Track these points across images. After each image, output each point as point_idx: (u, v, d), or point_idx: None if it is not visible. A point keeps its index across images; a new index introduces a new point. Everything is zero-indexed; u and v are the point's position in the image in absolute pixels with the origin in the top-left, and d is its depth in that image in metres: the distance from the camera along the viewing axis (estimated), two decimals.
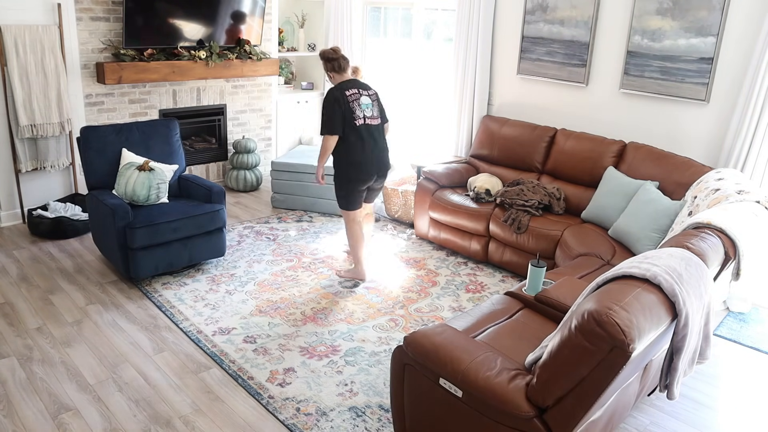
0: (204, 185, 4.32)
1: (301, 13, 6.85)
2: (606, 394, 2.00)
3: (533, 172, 4.79)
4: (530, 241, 4.14)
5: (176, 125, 4.54)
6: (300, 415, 2.82)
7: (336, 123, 3.84)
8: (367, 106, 3.95)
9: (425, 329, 2.47)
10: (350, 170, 3.96)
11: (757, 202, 3.02)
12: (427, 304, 3.92)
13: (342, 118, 3.85)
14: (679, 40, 4.08)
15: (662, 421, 2.91)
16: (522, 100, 5.12)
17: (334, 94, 3.89)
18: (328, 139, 3.86)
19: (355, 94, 3.92)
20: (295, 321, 3.64)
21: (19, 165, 4.77)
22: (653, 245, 3.55)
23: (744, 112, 3.79)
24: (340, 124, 3.85)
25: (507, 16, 5.06)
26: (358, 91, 3.94)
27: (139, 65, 5.05)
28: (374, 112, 3.99)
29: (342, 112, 3.85)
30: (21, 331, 3.43)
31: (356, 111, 3.89)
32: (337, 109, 3.84)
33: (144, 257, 3.90)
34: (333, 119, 3.84)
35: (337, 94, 3.88)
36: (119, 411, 2.81)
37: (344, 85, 3.93)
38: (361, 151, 3.92)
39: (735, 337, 3.69)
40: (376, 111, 4.01)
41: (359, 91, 3.95)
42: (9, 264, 4.24)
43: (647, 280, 2.08)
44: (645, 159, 4.10)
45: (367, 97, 3.97)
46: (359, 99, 3.92)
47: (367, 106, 3.95)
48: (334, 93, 3.89)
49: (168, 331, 3.50)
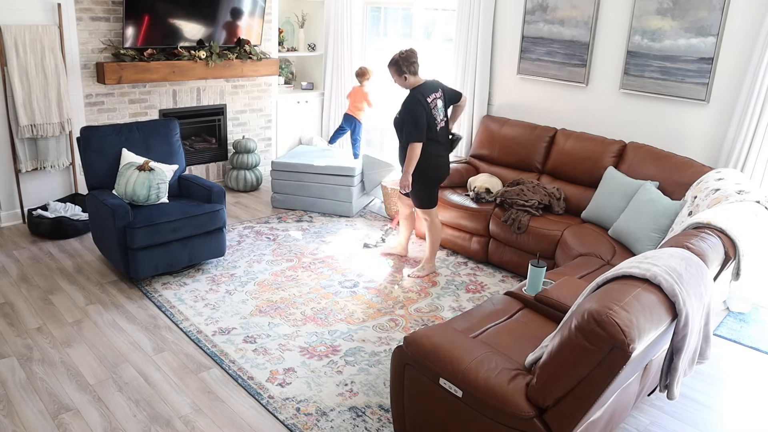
0: (204, 185, 4.32)
1: (301, 13, 6.85)
2: (606, 394, 2.00)
3: (533, 172, 4.79)
4: (530, 241, 4.14)
5: (176, 125, 4.54)
6: (300, 415, 2.82)
7: (422, 129, 3.82)
8: (440, 110, 3.98)
9: (425, 329, 2.47)
10: (434, 172, 4.02)
11: (757, 202, 3.02)
12: (427, 304, 3.92)
13: (426, 124, 3.83)
14: (679, 40, 4.08)
15: (662, 421, 2.91)
16: (522, 100, 5.12)
17: (419, 98, 3.83)
18: (417, 146, 3.83)
19: (433, 98, 3.91)
20: (295, 321, 3.64)
21: (19, 165, 4.77)
22: (653, 245, 3.55)
23: (744, 112, 3.79)
24: (425, 131, 3.83)
25: (507, 16, 5.06)
26: (434, 95, 3.93)
27: (139, 65, 5.05)
28: (444, 115, 4.02)
29: (426, 117, 3.83)
30: (21, 331, 3.43)
31: (436, 116, 3.92)
32: (423, 114, 3.81)
33: (144, 257, 3.90)
34: (419, 126, 3.81)
35: (421, 99, 3.83)
36: (119, 411, 2.81)
37: (425, 90, 3.89)
38: (438, 157, 3.99)
39: (735, 337, 3.69)
40: (444, 113, 4.03)
41: (435, 95, 3.93)
42: (9, 264, 4.24)
43: (647, 280, 2.08)
44: (645, 159, 4.10)
45: (440, 100, 3.98)
46: (437, 103, 3.94)
47: (440, 110, 3.98)
48: (418, 97, 3.83)
49: (168, 331, 3.50)
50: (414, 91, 3.88)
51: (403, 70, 3.90)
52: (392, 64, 3.94)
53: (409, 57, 3.91)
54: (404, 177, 3.95)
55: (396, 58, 3.93)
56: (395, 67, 3.93)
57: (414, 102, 3.83)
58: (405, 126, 3.86)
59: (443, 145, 4.04)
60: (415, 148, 3.83)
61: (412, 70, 3.91)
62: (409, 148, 3.85)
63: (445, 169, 4.11)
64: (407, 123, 3.84)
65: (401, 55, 3.91)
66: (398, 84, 4.00)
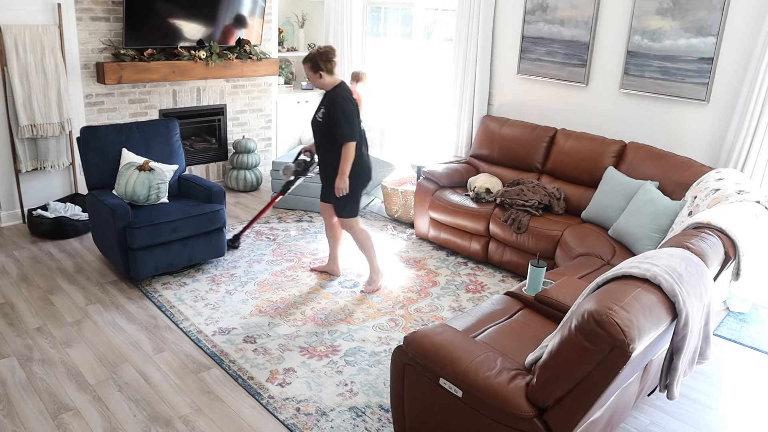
0: (204, 185, 4.32)
1: (301, 13, 6.85)
2: (606, 394, 2.00)
3: (533, 172, 4.79)
4: (530, 241, 4.14)
5: (176, 125, 4.54)
6: (300, 415, 2.82)
7: (355, 128, 3.66)
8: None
9: (425, 329, 2.47)
10: (362, 177, 3.84)
11: (757, 202, 3.02)
12: (427, 304, 3.92)
13: (358, 123, 3.70)
14: (679, 40, 4.08)
15: (662, 421, 2.91)
16: (522, 100, 5.12)
17: (347, 96, 3.69)
18: (352, 146, 3.65)
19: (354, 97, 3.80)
20: (295, 321, 3.64)
21: (19, 165, 4.77)
22: (653, 245, 3.55)
23: (744, 112, 3.79)
24: (357, 129, 3.69)
25: (507, 16, 5.06)
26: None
27: (139, 65, 5.05)
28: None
29: (357, 116, 3.69)
30: (21, 331, 3.43)
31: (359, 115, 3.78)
32: (355, 113, 3.67)
33: (144, 257, 3.90)
34: (352, 124, 3.64)
35: (350, 97, 3.69)
36: (119, 411, 2.81)
37: (347, 87, 3.77)
38: (367, 157, 3.86)
39: (735, 337, 3.69)
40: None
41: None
42: (9, 264, 4.24)
43: (647, 280, 2.08)
44: (645, 159, 4.10)
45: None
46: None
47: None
48: (346, 95, 3.69)
49: (168, 331, 3.50)
50: (339, 90, 3.70)
51: (320, 67, 3.67)
52: (308, 60, 3.71)
53: (327, 54, 3.69)
54: (341, 179, 3.69)
55: (313, 54, 3.70)
56: (311, 64, 3.69)
57: (345, 100, 3.66)
58: (338, 126, 3.64)
59: (366, 147, 3.87)
60: (351, 148, 3.64)
61: (328, 68, 3.69)
62: (345, 149, 3.65)
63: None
64: (340, 123, 3.63)
65: (319, 51, 3.70)
66: (312, 82, 3.78)
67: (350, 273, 4.31)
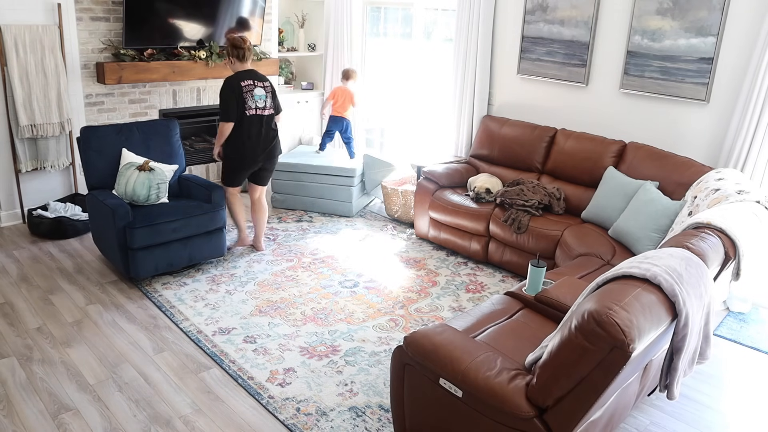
0: (204, 185, 4.32)
1: (301, 13, 6.85)
2: (606, 394, 2.00)
3: (533, 172, 4.79)
4: (530, 241, 4.14)
5: (176, 125, 4.54)
6: (300, 415, 2.82)
7: (231, 111, 4.11)
8: (260, 98, 4.20)
9: (425, 329, 2.47)
10: (236, 157, 4.27)
11: (757, 202, 3.02)
12: (427, 304, 3.92)
13: (236, 107, 4.11)
14: (679, 40, 4.08)
15: (662, 421, 2.91)
16: (522, 100, 5.12)
17: (231, 83, 4.13)
18: (224, 126, 4.15)
19: (249, 85, 4.17)
20: (295, 321, 3.64)
21: (19, 165, 4.77)
22: (653, 245, 3.55)
23: (744, 112, 3.79)
24: (234, 113, 4.12)
25: (507, 16, 5.06)
26: (253, 83, 4.19)
27: (139, 65, 5.05)
28: (267, 104, 4.24)
29: (236, 101, 4.11)
30: (21, 331, 3.43)
31: (248, 101, 4.15)
32: (233, 98, 4.10)
33: (144, 257, 3.90)
34: (229, 107, 4.11)
35: (233, 84, 4.12)
36: (119, 411, 2.81)
37: (241, 75, 4.16)
38: (247, 139, 4.20)
39: (735, 337, 3.69)
40: (269, 102, 4.26)
41: (254, 83, 4.19)
42: (9, 264, 4.24)
43: (647, 280, 2.08)
44: (645, 159, 4.10)
45: (262, 89, 4.21)
46: (253, 90, 4.17)
47: (260, 98, 4.20)
48: (231, 82, 4.13)
49: (168, 331, 3.50)
50: (229, 78, 4.15)
51: (230, 53, 4.19)
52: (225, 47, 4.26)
53: (236, 43, 4.17)
54: (214, 149, 4.32)
55: (227, 41, 4.23)
56: (225, 50, 4.24)
57: (224, 86, 4.13)
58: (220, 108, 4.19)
59: (256, 132, 4.22)
60: (223, 127, 4.15)
61: (236, 54, 4.17)
62: (219, 127, 4.20)
63: (248, 156, 4.26)
64: (219, 103, 4.17)
65: (232, 39, 4.20)
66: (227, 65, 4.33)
67: (350, 273, 4.31)
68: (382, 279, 4.24)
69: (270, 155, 4.36)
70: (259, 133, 4.23)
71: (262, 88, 4.21)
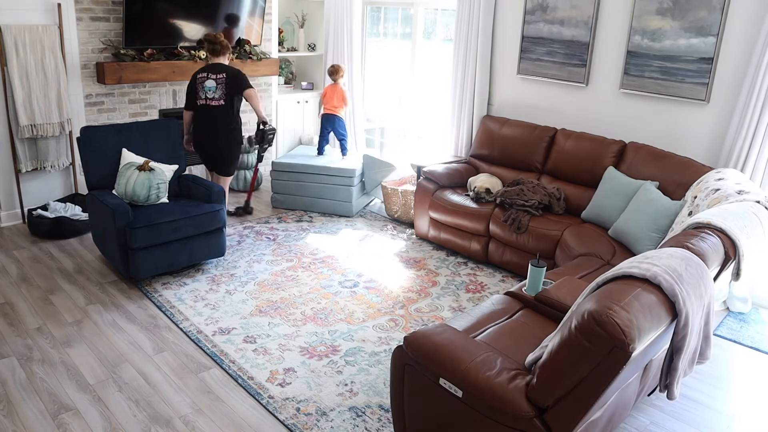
0: (204, 185, 4.32)
1: (301, 13, 6.85)
2: (606, 394, 2.00)
3: (533, 172, 4.79)
4: (530, 241, 4.14)
5: (176, 125, 4.55)
6: (300, 415, 2.82)
7: (187, 101, 4.58)
8: (210, 89, 4.48)
9: (425, 329, 2.47)
10: (194, 142, 4.70)
11: (757, 202, 3.02)
12: (427, 304, 3.92)
13: (191, 97, 4.55)
14: (679, 40, 4.08)
15: (662, 421, 2.91)
16: (522, 100, 5.12)
17: (193, 75, 4.57)
18: (184, 113, 4.65)
19: (203, 77, 4.50)
20: (295, 321, 3.64)
21: (19, 165, 4.77)
22: (653, 245, 3.55)
23: (744, 112, 3.79)
24: (189, 102, 4.57)
25: (507, 16, 5.06)
26: (207, 75, 4.50)
27: (139, 65, 5.05)
28: (216, 95, 4.50)
29: (191, 91, 4.54)
30: (21, 331, 3.43)
31: (199, 92, 4.51)
32: (191, 88, 4.54)
33: (144, 257, 3.90)
34: (187, 97, 4.59)
35: (193, 76, 4.57)
36: (119, 411, 2.81)
37: (203, 69, 4.54)
38: (198, 126, 4.60)
39: (735, 337, 3.69)
40: (219, 94, 4.51)
41: (208, 75, 4.50)
42: (9, 264, 4.24)
43: (647, 280, 2.08)
44: (645, 159, 4.10)
45: (213, 81, 4.48)
46: (204, 82, 4.49)
47: (210, 89, 4.48)
48: (193, 76, 4.56)
49: (168, 331, 3.50)
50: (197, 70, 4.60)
51: (204, 47, 4.69)
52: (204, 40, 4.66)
53: (208, 39, 4.57)
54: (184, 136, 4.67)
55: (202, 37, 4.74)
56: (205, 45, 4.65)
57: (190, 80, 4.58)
58: None
59: (203, 122, 4.57)
60: (184, 115, 4.66)
61: (207, 48, 4.58)
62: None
63: (199, 145, 4.68)
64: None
65: (206, 36, 4.62)
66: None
67: (350, 273, 4.31)
68: (382, 279, 4.24)
69: (215, 145, 4.64)
70: (207, 122, 4.56)
71: (213, 81, 4.48)
